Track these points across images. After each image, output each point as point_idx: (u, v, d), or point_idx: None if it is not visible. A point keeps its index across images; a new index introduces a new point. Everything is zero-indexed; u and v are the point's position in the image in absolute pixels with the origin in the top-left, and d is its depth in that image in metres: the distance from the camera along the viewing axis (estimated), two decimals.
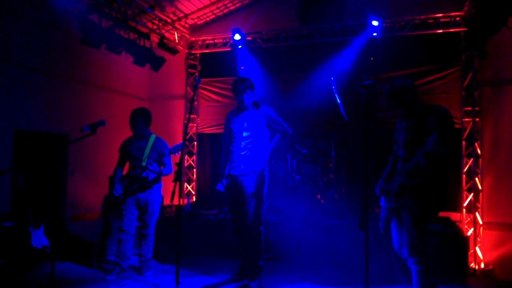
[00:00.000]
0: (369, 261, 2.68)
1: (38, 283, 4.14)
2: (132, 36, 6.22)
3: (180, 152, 3.78)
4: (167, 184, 4.49)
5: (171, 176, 3.68)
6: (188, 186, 7.73)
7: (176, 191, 3.19)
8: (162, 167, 4.39)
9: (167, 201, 5.15)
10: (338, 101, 5.73)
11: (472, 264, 5.61)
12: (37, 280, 4.24)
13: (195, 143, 7.79)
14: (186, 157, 7.74)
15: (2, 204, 5.23)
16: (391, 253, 3.32)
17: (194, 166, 7.77)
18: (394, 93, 3.13)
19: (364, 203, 2.66)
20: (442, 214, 6.00)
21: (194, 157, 7.78)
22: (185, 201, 6.96)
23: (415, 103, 3.15)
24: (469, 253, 5.47)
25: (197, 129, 7.77)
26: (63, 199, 6.24)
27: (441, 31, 6.10)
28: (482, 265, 5.68)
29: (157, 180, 4.49)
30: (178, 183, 3.19)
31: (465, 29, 5.85)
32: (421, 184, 3.02)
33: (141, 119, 4.42)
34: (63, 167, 6.25)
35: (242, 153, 4.04)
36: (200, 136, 7.82)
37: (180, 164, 3.24)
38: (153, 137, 4.54)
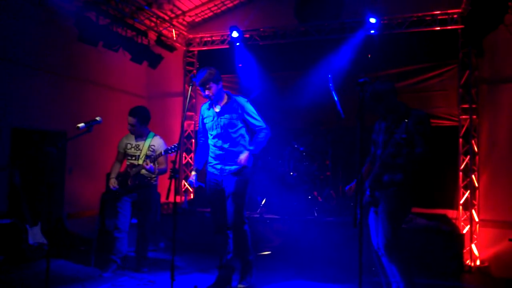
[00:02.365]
0: (363, 257, 2.70)
1: (35, 280, 4.16)
2: (130, 33, 6.22)
3: (176, 152, 3.77)
4: (165, 181, 4.50)
5: (168, 174, 3.68)
6: (186, 183, 7.73)
7: (172, 188, 3.20)
8: (158, 166, 4.40)
9: (164, 199, 5.16)
10: (336, 98, 5.73)
11: (468, 261, 5.62)
12: (34, 276, 4.26)
13: (193, 140, 7.80)
14: (184, 155, 7.75)
15: None
16: (372, 251, 3.38)
17: (192, 163, 7.78)
18: (376, 96, 3.22)
19: (358, 200, 2.67)
20: (439, 211, 6.04)
21: (192, 155, 7.78)
22: (183, 198, 6.98)
23: (397, 105, 3.24)
24: (465, 250, 5.51)
25: (195, 126, 7.77)
26: (61, 196, 6.25)
27: (438, 28, 6.09)
28: (478, 262, 5.70)
29: (154, 177, 4.50)
30: (173, 180, 3.20)
31: (463, 26, 5.85)
32: (396, 180, 3.12)
33: (139, 118, 4.42)
34: (61, 165, 6.26)
35: (220, 152, 3.84)
36: None
37: (175, 162, 3.24)
38: (151, 135, 4.55)
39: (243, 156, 3.72)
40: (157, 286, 4.05)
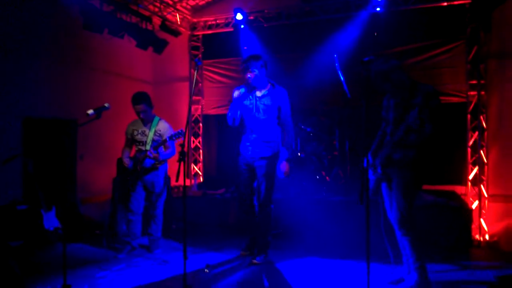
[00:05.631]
0: (373, 235, 2.76)
1: (54, 262, 4.29)
2: (134, 19, 6.24)
3: (182, 138, 3.84)
4: (175, 164, 4.57)
5: (176, 157, 3.75)
6: (195, 167, 7.83)
7: (181, 171, 3.27)
8: (165, 150, 4.47)
9: (174, 182, 5.24)
10: (342, 78, 5.70)
11: (477, 236, 5.67)
12: (52, 259, 4.40)
13: (201, 124, 7.85)
14: (192, 139, 7.83)
15: (14, 189, 5.38)
16: (381, 226, 3.45)
17: (200, 147, 7.85)
18: (381, 75, 3.22)
19: (363, 178, 2.71)
20: (447, 187, 6.06)
21: (200, 138, 7.85)
22: (192, 181, 7.08)
23: (403, 82, 3.22)
24: (474, 225, 5.54)
25: (202, 110, 7.82)
26: (74, 182, 6.39)
27: (445, 4, 5.98)
28: (487, 237, 5.74)
29: (162, 162, 4.58)
30: (182, 163, 3.26)
31: (470, 1, 5.75)
32: (408, 157, 3.14)
33: (146, 103, 4.47)
34: (72, 151, 6.37)
35: (254, 136, 4.02)
36: (206, 118, 7.87)
37: (183, 145, 3.31)
38: (156, 119, 4.60)
39: (286, 170, 4.02)
40: (170, 265, 4.17)
